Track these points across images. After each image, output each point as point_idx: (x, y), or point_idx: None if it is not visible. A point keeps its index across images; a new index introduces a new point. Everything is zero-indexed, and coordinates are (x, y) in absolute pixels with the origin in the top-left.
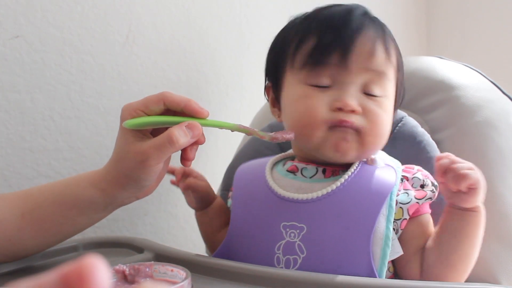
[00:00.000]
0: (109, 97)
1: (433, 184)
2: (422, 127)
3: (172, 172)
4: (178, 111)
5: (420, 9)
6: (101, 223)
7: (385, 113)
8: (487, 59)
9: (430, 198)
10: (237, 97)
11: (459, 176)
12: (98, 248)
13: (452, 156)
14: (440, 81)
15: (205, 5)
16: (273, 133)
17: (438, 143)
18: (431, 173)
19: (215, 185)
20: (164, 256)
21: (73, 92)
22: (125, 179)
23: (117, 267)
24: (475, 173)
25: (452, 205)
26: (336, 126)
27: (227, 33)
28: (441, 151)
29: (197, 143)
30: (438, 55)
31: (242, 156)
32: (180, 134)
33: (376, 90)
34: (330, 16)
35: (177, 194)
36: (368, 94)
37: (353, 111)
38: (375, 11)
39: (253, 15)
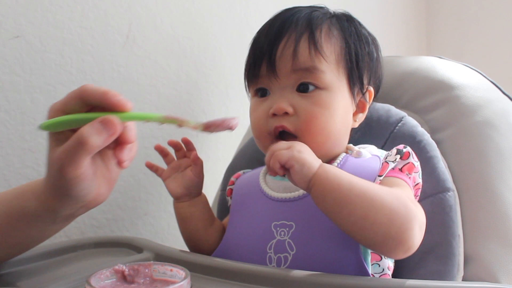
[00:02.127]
0: None
1: (397, 152)
2: (422, 127)
3: (173, 145)
4: (98, 106)
5: (420, 9)
6: (101, 223)
7: (321, 108)
8: (487, 59)
9: (393, 161)
10: (237, 97)
11: (271, 160)
12: (97, 248)
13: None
14: (440, 81)
15: (205, 5)
16: (208, 121)
17: (438, 143)
18: (432, 174)
19: (215, 185)
20: (163, 256)
21: None
22: (56, 191)
23: (116, 267)
24: (287, 152)
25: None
26: (277, 136)
27: (227, 33)
28: (441, 151)
29: (124, 142)
30: (438, 55)
31: (242, 156)
32: (91, 132)
33: (309, 86)
34: (261, 29)
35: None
36: (302, 92)
37: (286, 113)
38: (375, 12)
39: (253, 15)
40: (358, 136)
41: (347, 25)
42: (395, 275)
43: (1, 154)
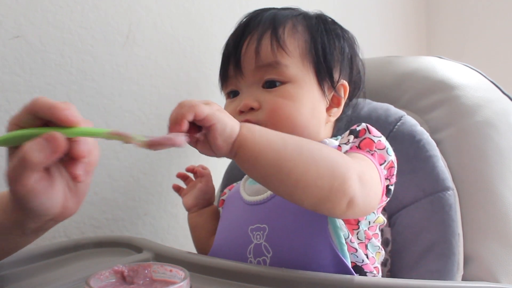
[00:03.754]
0: (109, 97)
1: (350, 132)
2: (422, 127)
3: (190, 171)
4: (49, 120)
5: (420, 9)
6: (101, 223)
7: (285, 99)
8: (487, 59)
9: (346, 143)
10: None
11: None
12: (97, 248)
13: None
14: (440, 81)
15: (205, 5)
16: (151, 139)
17: (438, 143)
18: (432, 173)
19: (215, 186)
20: (163, 256)
21: (73, 92)
22: (18, 205)
23: (116, 267)
24: (208, 107)
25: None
26: None
27: (228, 33)
28: (441, 151)
29: (75, 157)
30: (438, 55)
31: None
32: (33, 149)
33: (275, 83)
34: (231, 33)
35: (177, 194)
36: (267, 88)
37: (252, 109)
38: (375, 12)
39: None
40: None
41: (314, 21)
42: (394, 273)
43: (1, 154)
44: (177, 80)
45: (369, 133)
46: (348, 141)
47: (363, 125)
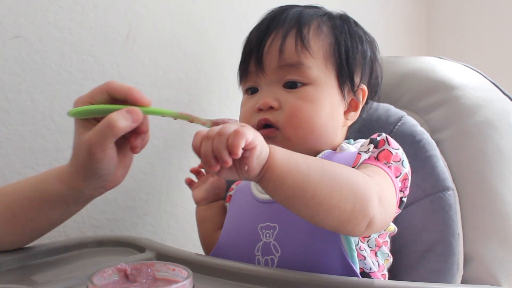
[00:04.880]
0: None
1: (371, 141)
2: (422, 127)
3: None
4: (122, 100)
5: (420, 9)
6: (101, 223)
7: (305, 101)
8: (487, 59)
9: (366, 151)
10: (237, 97)
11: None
12: (100, 247)
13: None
14: (440, 81)
15: (205, 5)
16: (216, 119)
17: (438, 143)
18: (432, 173)
19: None
20: (165, 256)
21: (73, 92)
22: (83, 171)
23: (119, 266)
24: (250, 130)
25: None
26: (262, 132)
27: (228, 33)
28: (441, 151)
29: (140, 132)
30: (438, 55)
31: None
32: (119, 117)
33: (296, 84)
34: (254, 27)
35: (177, 194)
36: (288, 88)
37: (271, 108)
38: (375, 12)
39: (253, 15)
40: (357, 136)
41: (339, 23)
42: (394, 273)
43: (1, 154)
44: (177, 80)
45: (388, 144)
46: (368, 149)
47: (383, 135)
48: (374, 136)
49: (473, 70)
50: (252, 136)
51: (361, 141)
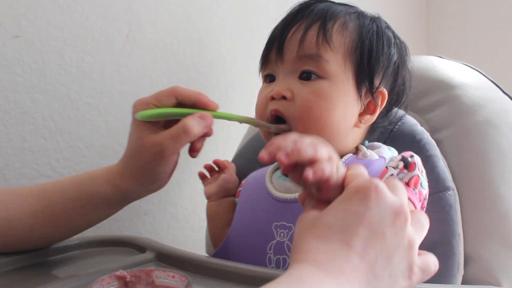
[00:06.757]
0: (109, 97)
1: (402, 159)
2: (422, 126)
3: (216, 164)
4: (189, 104)
5: (420, 9)
6: (101, 223)
7: (318, 97)
8: (487, 58)
9: (394, 167)
10: (237, 97)
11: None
12: (101, 247)
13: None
14: (440, 80)
15: (205, 5)
16: (278, 125)
17: (438, 142)
18: (432, 173)
19: None
20: (165, 256)
21: (73, 92)
22: (141, 173)
23: (118, 273)
24: (329, 163)
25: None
26: (272, 122)
27: (227, 33)
28: (441, 151)
29: (205, 135)
30: (438, 55)
31: (242, 156)
32: (194, 124)
33: (311, 75)
34: (282, 19)
35: (177, 194)
36: (304, 80)
37: (284, 98)
38: (375, 11)
39: (253, 15)
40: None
41: (368, 22)
42: None
43: (1, 154)
44: (176, 80)
45: (418, 169)
46: (397, 166)
47: (415, 158)
48: (406, 154)
49: (473, 69)
50: (330, 169)
51: (380, 146)
